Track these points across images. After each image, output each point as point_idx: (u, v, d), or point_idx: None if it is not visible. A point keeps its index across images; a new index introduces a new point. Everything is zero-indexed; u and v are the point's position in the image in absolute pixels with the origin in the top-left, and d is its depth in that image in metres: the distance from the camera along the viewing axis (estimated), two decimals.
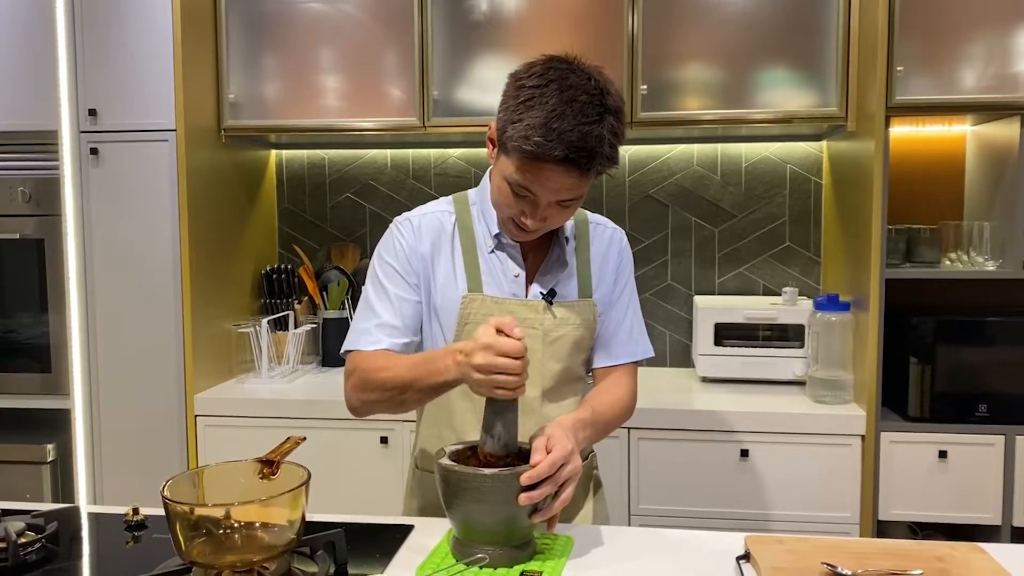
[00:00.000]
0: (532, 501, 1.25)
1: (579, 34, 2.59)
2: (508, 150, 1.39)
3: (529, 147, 1.33)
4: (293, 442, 1.38)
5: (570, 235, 1.59)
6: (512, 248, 1.55)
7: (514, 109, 1.37)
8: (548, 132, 1.32)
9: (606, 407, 1.53)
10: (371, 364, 1.46)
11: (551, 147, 1.32)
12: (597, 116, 1.34)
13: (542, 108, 1.33)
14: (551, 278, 1.56)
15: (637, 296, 1.68)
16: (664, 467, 2.43)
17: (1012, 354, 2.35)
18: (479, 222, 1.56)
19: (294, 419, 2.53)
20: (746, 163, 2.94)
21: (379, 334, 1.50)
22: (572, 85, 1.35)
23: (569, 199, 1.42)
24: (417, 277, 1.54)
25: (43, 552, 1.36)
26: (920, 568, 1.23)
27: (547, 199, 1.40)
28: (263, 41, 2.73)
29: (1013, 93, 2.27)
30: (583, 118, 1.33)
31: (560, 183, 1.38)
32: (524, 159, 1.36)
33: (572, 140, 1.32)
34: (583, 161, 1.34)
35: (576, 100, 1.33)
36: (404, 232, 1.55)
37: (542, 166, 1.35)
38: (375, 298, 1.54)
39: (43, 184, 2.66)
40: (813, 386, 2.51)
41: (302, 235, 3.19)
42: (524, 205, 1.42)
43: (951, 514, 2.35)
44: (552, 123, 1.32)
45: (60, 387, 2.67)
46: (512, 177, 1.40)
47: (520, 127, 1.34)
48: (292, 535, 1.23)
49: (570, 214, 1.48)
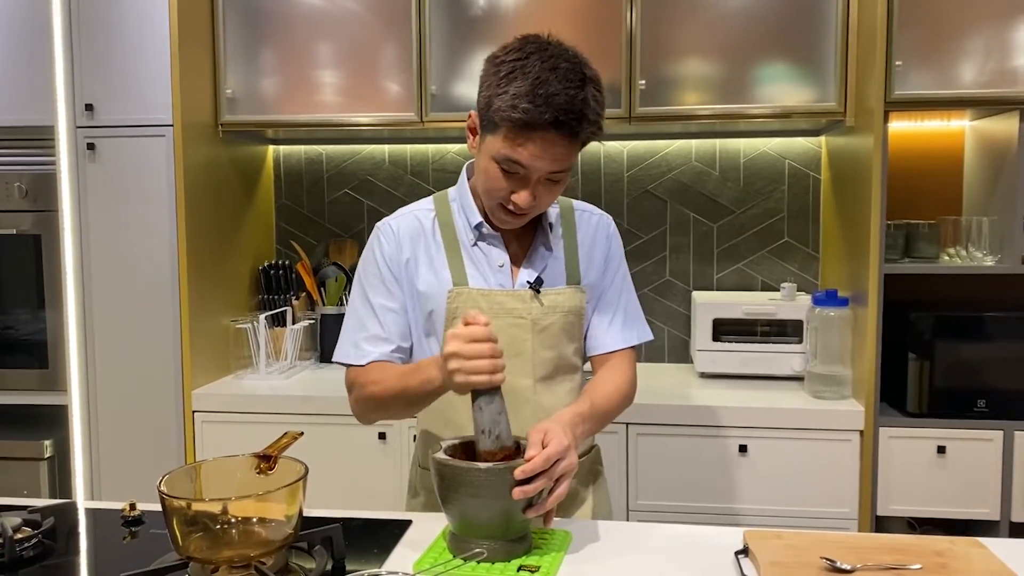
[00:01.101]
0: (526, 495, 1.25)
1: (577, 29, 2.58)
2: (496, 124, 1.38)
3: (518, 115, 1.33)
4: (290, 437, 1.38)
5: (554, 222, 1.58)
6: (494, 238, 1.54)
7: (497, 84, 1.37)
8: (535, 98, 1.32)
9: (605, 398, 1.53)
10: (364, 379, 1.51)
11: (540, 112, 1.32)
12: (579, 82, 1.35)
13: (526, 77, 1.34)
14: (537, 266, 1.56)
15: (631, 281, 1.68)
16: (663, 463, 2.43)
17: (1011, 349, 2.35)
18: (459, 216, 1.57)
19: (292, 415, 2.53)
20: (744, 158, 2.93)
21: (367, 347, 1.54)
22: (553, 54, 1.36)
23: (558, 171, 1.41)
24: (399, 285, 1.55)
25: (39, 548, 1.36)
26: (919, 563, 1.23)
27: (538, 171, 1.39)
28: (260, 36, 2.72)
29: (1012, 88, 2.27)
30: (567, 83, 1.34)
31: (551, 151, 1.37)
32: (514, 129, 1.36)
33: (561, 103, 1.33)
34: (573, 123, 1.34)
35: (559, 67, 1.35)
36: (384, 240, 1.56)
37: (532, 133, 1.35)
38: (361, 309, 1.57)
39: (40, 179, 2.65)
40: (812, 382, 2.51)
41: (300, 231, 3.18)
42: (514, 183, 1.42)
43: (950, 509, 2.35)
44: (538, 89, 1.33)
45: (57, 383, 2.67)
46: (501, 153, 1.39)
47: (507, 98, 1.34)
48: (289, 530, 1.23)
49: (558, 191, 1.47)
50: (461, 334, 1.28)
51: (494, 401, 1.31)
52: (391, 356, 1.54)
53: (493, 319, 1.50)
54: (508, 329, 1.51)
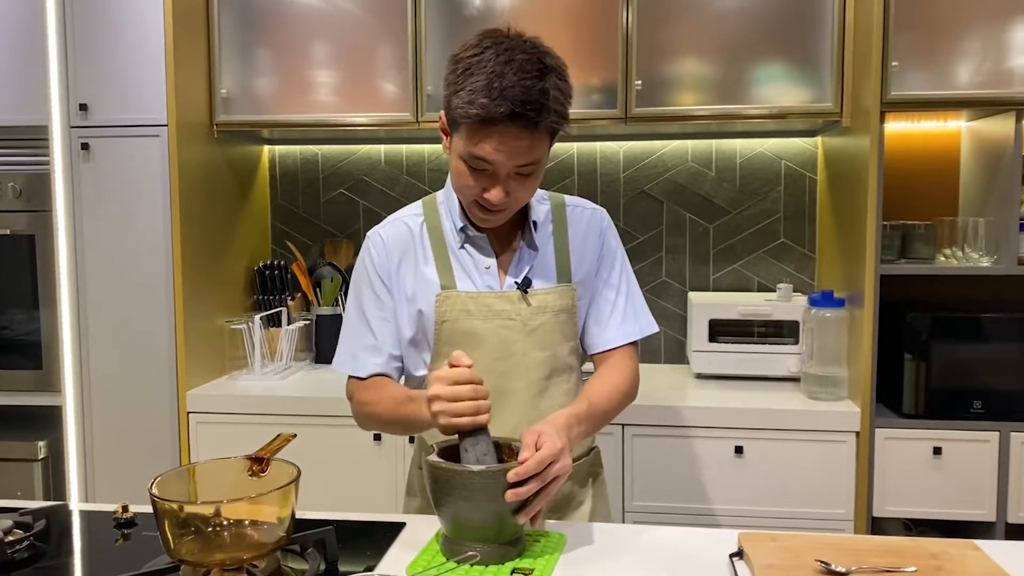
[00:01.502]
0: (519, 498, 1.24)
1: (573, 29, 2.58)
2: (457, 124, 1.38)
3: (476, 110, 1.32)
4: (283, 439, 1.38)
5: (542, 220, 1.57)
6: (480, 240, 1.54)
7: (455, 82, 1.37)
8: (491, 91, 1.31)
9: (603, 397, 1.51)
10: (363, 396, 1.55)
11: (496, 105, 1.31)
12: (538, 72, 1.34)
13: (481, 72, 1.33)
14: (524, 266, 1.55)
15: (631, 273, 1.66)
16: (658, 464, 2.43)
17: (1007, 350, 2.35)
18: (446, 220, 1.56)
19: (287, 416, 2.52)
20: (741, 159, 2.93)
21: (364, 357, 1.56)
22: (509, 47, 1.35)
23: (527, 164, 1.39)
24: (390, 294, 1.55)
25: (31, 550, 1.35)
26: (914, 565, 1.22)
27: (505, 167, 1.38)
28: (256, 35, 2.71)
29: (1008, 89, 2.27)
30: (523, 75, 1.33)
31: (513, 145, 1.36)
32: (474, 126, 1.35)
33: (516, 95, 1.31)
34: (531, 114, 1.33)
35: (514, 60, 1.33)
36: (373, 250, 1.57)
37: (492, 129, 1.34)
38: (355, 319, 1.59)
39: (34, 179, 2.64)
40: (808, 382, 2.51)
41: (295, 231, 3.17)
42: (485, 180, 1.41)
43: (946, 511, 2.35)
44: (493, 83, 1.32)
45: (52, 384, 2.66)
46: (465, 151, 1.39)
47: (464, 95, 1.34)
48: (282, 533, 1.22)
49: (533, 185, 1.46)
50: (444, 377, 1.28)
51: (479, 442, 1.31)
52: (387, 366, 1.56)
53: (482, 322, 1.50)
54: (498, 331, 1.51)
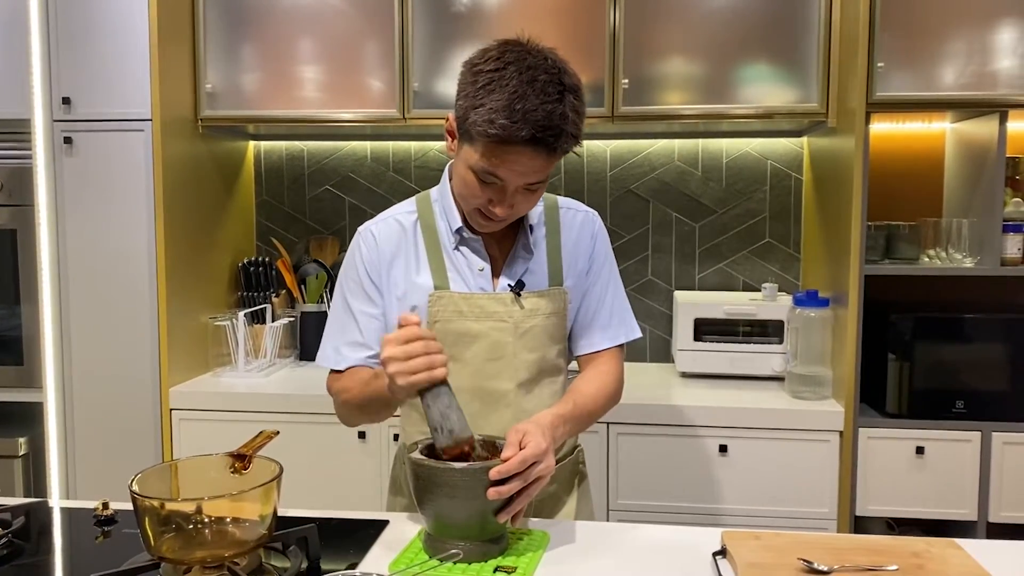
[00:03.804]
0: (500, 496, 1.24)
1: (560, 27, 2.58)
2: (472, 137, 1.37)
3: (495, 130, 1.31)
4: (265, 436, 1.37)
5: (536, 223, 1.57)
6: (475, 242, 1.53)
7: (474, 95, 1.35)
8: (512, 113, 1.30)
9: (588, 398, 1.51)
10: (339, 386, 1.54)
11: (517, 128, 1.30)
12: (558, 95, 1.33)
13: (503, 91, 1.31)
14: (518, 269, 1.54)
15: (618, 277, 1.66)
16: (643, 462, 2.43)
17: (989, 351, 2.37)
18: (441, 219, 1.55)
19: (271, 413, 2.50)
20: (727, 159, 2.94)
21: (347, 352, 1.55)
22: (531, 66, 1.33)
23: (536, 182, 1.40)
24: (379, 291, 1.54)
25: (9, 547, 1.34)
26: (896, 564, 1.23)
27: (515, 183, 1.38)
28: (241, 30, 2.70)
29: (992, 90, 2.28)
30: (545, 97, 1.31)
31: (528, 165, 1.36)
32: (490, 144, 1.34)
33: (538, 119, 1.30)
34: (550, 140, 1.32)
35: (536, 80, 1.32)
36: (364, 246, 1.56)
37: (509, 149, 1.33)
38: (342, 314, 1.57)
39: (16, 174, 2.62)
40: (792, 382, 2.52)
41: (280, 228, 3.16)
42: (491, 192, 1.40)
43: (928, 510, 2.36)
44: (515, 104, 1.30)
45: (33, 380, 2.63)
46: (478, 164, 1.38)
47: (483, 111, 1.32)
48: (264, 530, 1.21)
49: (536, 199, 1.46)
50: (392, 338, 1.27)
51: (440, 396, 1.29)
52: (368, 362, 1.54)
53: (475, 323, 1.50)
54: (490, 333, 1.50)
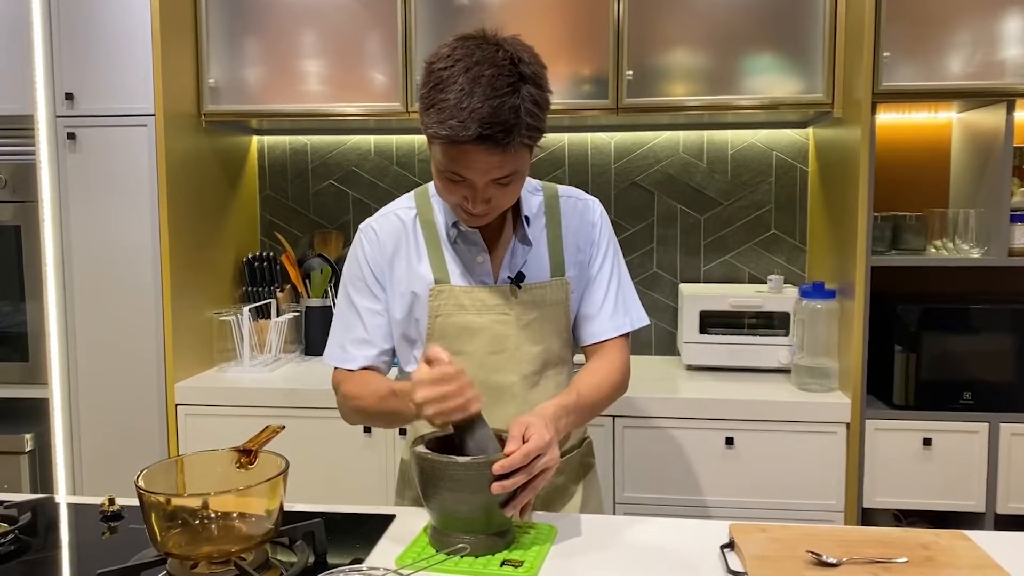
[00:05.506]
0: (504, 490, 1.24)
1: (564, 19, 2.56)
2: (431, 139, 1.36)
3: (445, 131, 1.29)
4: (271, 431, 1.37)
5: (534, 213, 1.56)
6: (472, 235, 1.52)
7: (427, 96, 1.33)
8: (459, 113, 1.28)
9: (593, 389, 1.50)
10: (348, 390, 1.53)
11: (463, 127, 1.28)
12: (509, 87, 1.29)
13: (450, 90, 1.29)
14: (518, 261, 1.53)
15: (623, 264, 1.65)
16: (649, 455, 2.42)
17: (997, 342, 2.35)
18: (439, 214, 1.55)
19: (276, 408, 2.50)
20: (732, 150, 2.92)
21: (354, 350, 1.55)
22: (479, 60, 1.30)
23: (503, 176, 1.37)
24: (382, 287, 1.54)
25: (16, 543, 1.34)
26: (905, 556, 1.22)
27: (481, 180, 1.36)
28: (244, 24, 2.69)
29: (999, 80, 2.26)
30: (492, 91, 1.28)
31: (486, 162, 1.33)
32: (445, 145, 1.33)
33: (483, 116, 1.27)
34: (500, 136, 1.29)
35: (483, 75, 1.29)
36: (366, 243, 1.56)
37: (461, 149, 1.31)
38: (346, 312, 1.58)
39: (19, 170, 2.61)
40: (798, 374, 2.51)
41: (284, 222, 3.15)
42: (463, 190, 1.39)
43: (935, 502, 2.36)
44: (462, 103, 1.28)
45: (38, 376, 2.63)
46: (441, 165, 1.37)
47: (434, 113, 1.31)
48: (270, 525, 1.21)
49: (515, 191, 1.43)
50: (426, 379, 1.26)
51: (475, 429, 1.30)
52: (377, 360, 1.55)
53: (476, 316, 1.49)
54: (492, 326, 1.50)
